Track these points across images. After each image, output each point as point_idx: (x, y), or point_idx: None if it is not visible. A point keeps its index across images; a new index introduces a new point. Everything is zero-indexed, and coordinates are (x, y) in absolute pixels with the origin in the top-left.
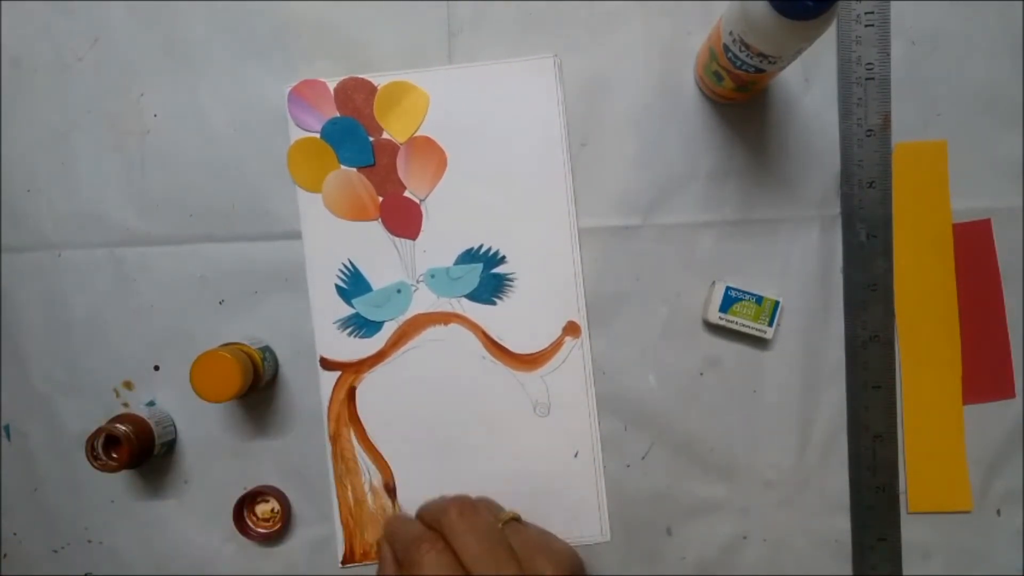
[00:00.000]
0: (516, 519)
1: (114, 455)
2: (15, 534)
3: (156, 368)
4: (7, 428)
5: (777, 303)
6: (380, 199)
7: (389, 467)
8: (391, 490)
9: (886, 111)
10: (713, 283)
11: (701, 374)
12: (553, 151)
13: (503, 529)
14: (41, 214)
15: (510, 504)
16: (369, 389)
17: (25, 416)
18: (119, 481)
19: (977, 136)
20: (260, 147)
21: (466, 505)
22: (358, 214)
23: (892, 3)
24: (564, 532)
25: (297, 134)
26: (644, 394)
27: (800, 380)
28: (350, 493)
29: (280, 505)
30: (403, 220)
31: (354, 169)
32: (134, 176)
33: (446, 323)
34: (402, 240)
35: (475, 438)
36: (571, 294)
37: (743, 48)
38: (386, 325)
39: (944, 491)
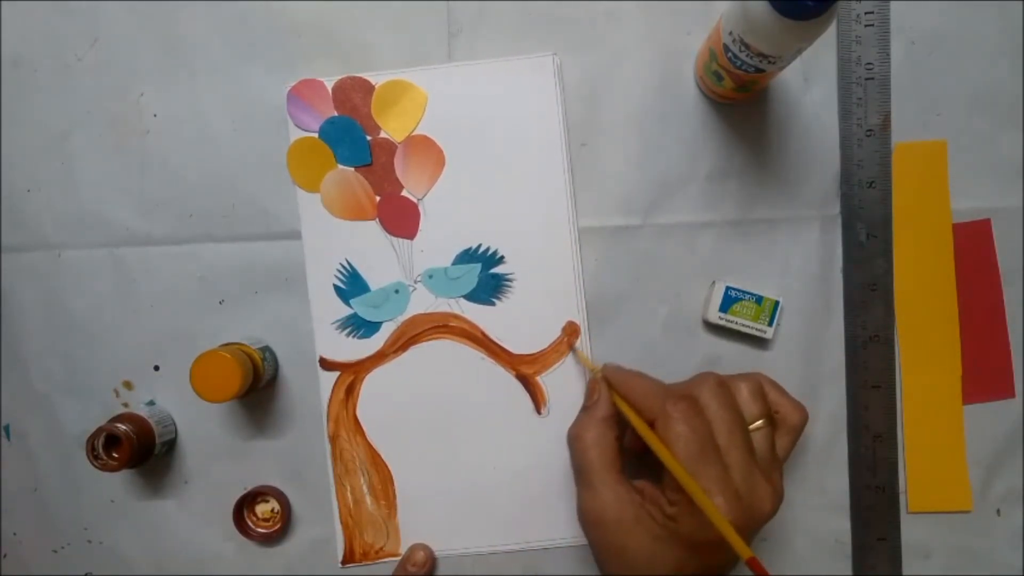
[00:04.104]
0: (771, 424)
1: (114, 455)
2: (15, 534)
3: (156, 368)
4: (7, 428)
5: (777, 303)
6: (377, 199)
7: (388, 467)
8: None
9: (886, 111)
10: (713, 283)
11: None
12: (553, 151)
13: (762, 428)
14: (41, 214)
15: (510, 504)
16: (368, 390)
17: (25, 416)
18: (119, 481)
19: (977, 136)
20: (260, 147)
21: (722, 382)
22: (355, 214)
23: (892, 3)
24: (565, 532)
25: (296, 134)
26: None
27: (800, 380)
28: (349, 493)
29: (280, 505)
30: (401, 220)
31: (351, 168)
32: (134, 176)
33: (445, 323)
34: (400, 240)
35: (474, 439)
36: (571, 294)
37: (743, 48)
38: (384, 325)
39: (944, 491)
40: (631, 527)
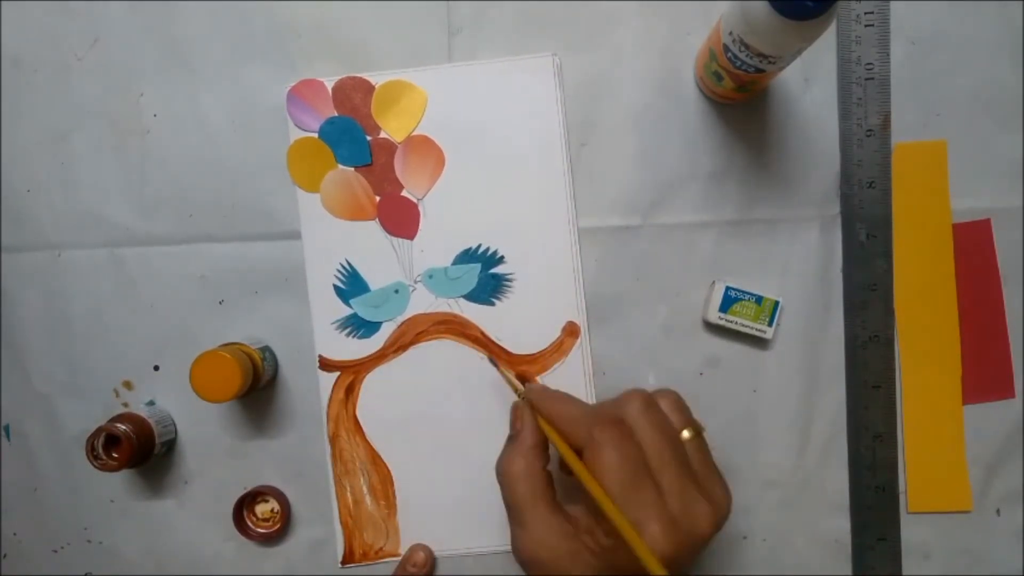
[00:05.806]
0: (700, 433)
1: (114, 455)
2: (15, 534)
3: (156, 368)
4: (7, 428)
5: (777, 303)
6: (377, 199)
7: (388, 467)
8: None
9: (886, 111)
10: (713, 283)
11: (701, 374)
12: (553, 151)
13: (692, 439)
14: (41, 214)
15: None
16: (368, 390)
17: (25, 416)
18: (119, 481)
19: (977, 136)
20: (260, 147)
21: (650, 400)
22: (355, 214)
23: (892, 3)
24: None
25: (296, 134)
26: None
27: (800, 380)
28: (349, 493)
29: (280, 505)
30: (400, 220)
31: (351, 169)
32: (134, 176)
33: (444, 323)
34: (400, 240)
35: (473, 439)
36: (571, 294)
37: (743, 48)
38: (384, 326)
39: (944, 491)
40: (567, 564)
